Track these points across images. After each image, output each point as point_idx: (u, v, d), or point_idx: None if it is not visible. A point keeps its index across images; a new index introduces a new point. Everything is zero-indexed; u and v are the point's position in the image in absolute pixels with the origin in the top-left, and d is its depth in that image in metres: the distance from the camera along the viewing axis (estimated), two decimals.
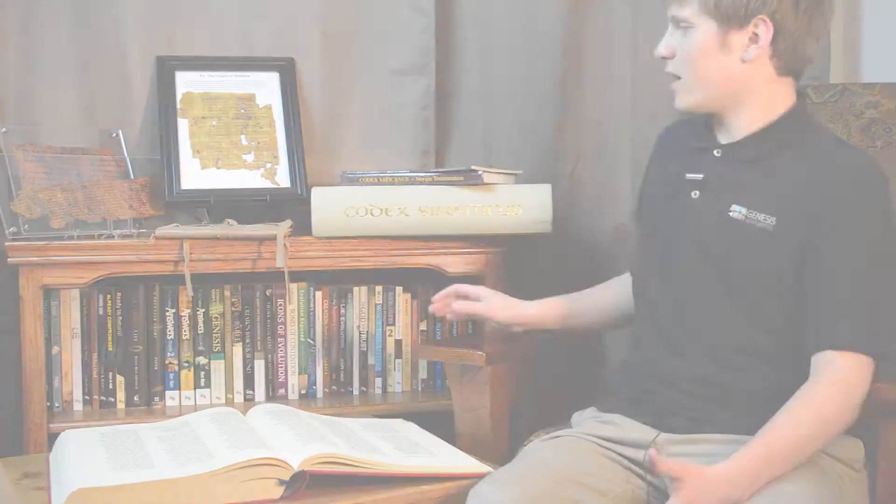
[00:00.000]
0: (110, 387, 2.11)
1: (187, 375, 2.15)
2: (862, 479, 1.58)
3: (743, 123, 1.59)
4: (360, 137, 2.36)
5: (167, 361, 2.14)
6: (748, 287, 1.55)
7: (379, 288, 2.25)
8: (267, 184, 2.22)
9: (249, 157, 2.23)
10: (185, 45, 2.26)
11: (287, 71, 2.29)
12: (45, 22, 2.16)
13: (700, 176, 1.61)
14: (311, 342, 2.22)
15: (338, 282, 2.23)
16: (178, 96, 2.22)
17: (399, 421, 1.91)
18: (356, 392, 2.25)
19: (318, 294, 2.22)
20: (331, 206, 2.10)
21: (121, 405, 2.12)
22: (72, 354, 2.08)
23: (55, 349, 2.07)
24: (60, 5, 2.17)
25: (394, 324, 2.27)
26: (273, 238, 2.04)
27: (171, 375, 2.14)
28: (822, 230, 1.49)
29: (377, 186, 2.11)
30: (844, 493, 1.51)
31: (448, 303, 1.91)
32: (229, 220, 2.11)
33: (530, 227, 2.14)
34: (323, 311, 2.22)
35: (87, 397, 2.10)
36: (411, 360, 2.27)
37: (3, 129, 2.09)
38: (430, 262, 2.16)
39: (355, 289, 2.24)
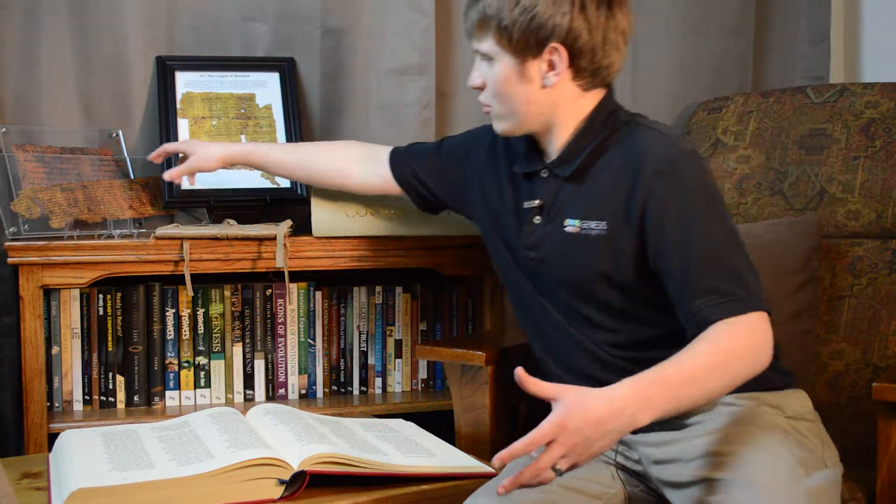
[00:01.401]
0: (110, 387, 2.11)
1: (187, 375, 2.15)
2: (818, 426, 1.59)
3: (558, 139, 1.62)
4: (360, 137, 2.35)
5: (167, 361, 2.14)
6: (602, 292, 1.57)
7: (379, 288, 2.26)
8: (267, 184, 2.22)
9: None
10: (185, 45, 2.27)
11: (287, 71, 2.29)
12: (45, 22, 2.16)
13: (536, 202, 1.64)
14: (311, 342, 2.22)
15: (338, 282, 2.23)
16: (178, 96, 2.22)
17: (399, 421, 1.91)
18: (356, 392, 2.26)
19: (318, 294, 2.22)
20: (331, 206, 2.10)
21: (121, 405, 2.12)
22: (72, 354, 2.08)
23: (55, 349, 2.07)
24: (60, 5, 2.17)
25: (394, 324, 2.27)
26: (273, 238, 2.04)
27: (171, 375, 2.14)
28: (651, 221, 1.51)
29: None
30: (810, 445, 1.53)
31: (174, 175, 2.01)
32: (229, 220, 2.11)
33: None
34: (323, 311, 2.22)
35: (87, 397, 2.11)
36: (411, 360, 2.27)
37: (3, 129, 2.09)
38: (430, 262, 2.16)
39: (355, 289, 2.24)
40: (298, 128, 2.26)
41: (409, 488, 1.57)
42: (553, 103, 1.59)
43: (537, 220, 1.64)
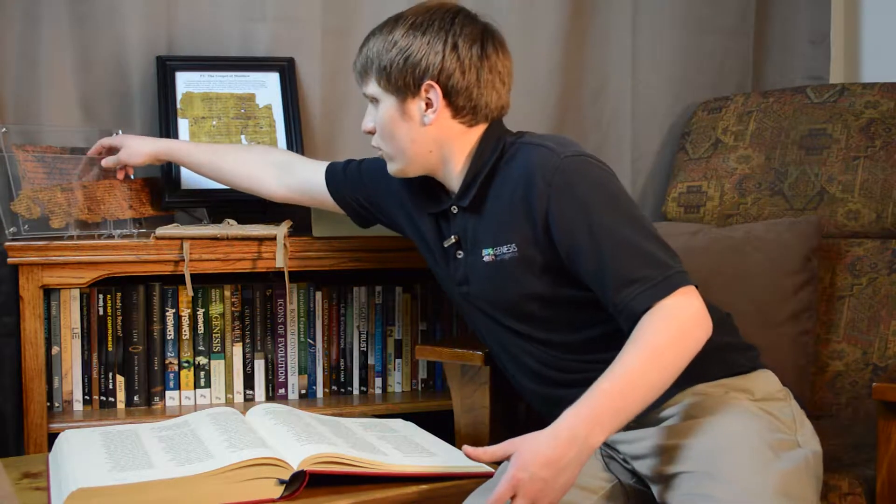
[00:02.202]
0: (110, 387, 2.11)
1: (187, 375, 2.15)
2: (789, 402, 1.60)
3: (454, 176, 1.65)
4: (360, 137, 2.35)
5: (167, 361, 2.14)
6: (533, 309, 1.60)
7: (379, 288, 2.26)
8: None
9: None
10: (185, 45, 2.27)
11: (287, 71, 2.29)
12: (45, 22, 2.16)
13: (453, 238, 1.68)
14: (311, 342, 2.22)
15: (338, 282, 2.23)
16: (178, 96, 2.22)
17: (399, 421, 1.91)
18: (356, 392, 2.25)
19: (318, 294, 2.22)
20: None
21: (121, 405, 2.12)
22: (72, 354, 2.08)
23: (55, 349, 2.07)
24: (60, 5, 2.17)
25: (394, 324, 2.27)
26: (273, 238, 2.04)
27: (171, 375, 2.14)
28: (556, 229, 1.53)
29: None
30: (782, 426, 1.53)
31: (107, 164, 2.06)
32: (229, 220, 2.11)
33: None
34: (323, 311, 2.22)
35: (87, 397, 2.11)
36: (411, 360, 2.27)
37: (3, 129, 2.09)
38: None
39: (355, 289, 2.24)
40: (298, 128, 2.26)
41: (409, 488, 1.57)
42: (437, 140, 1.63)
43: (459, 254, 1.68)
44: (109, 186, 2.09)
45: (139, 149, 2.05)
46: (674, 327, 1.45)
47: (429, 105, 1.60)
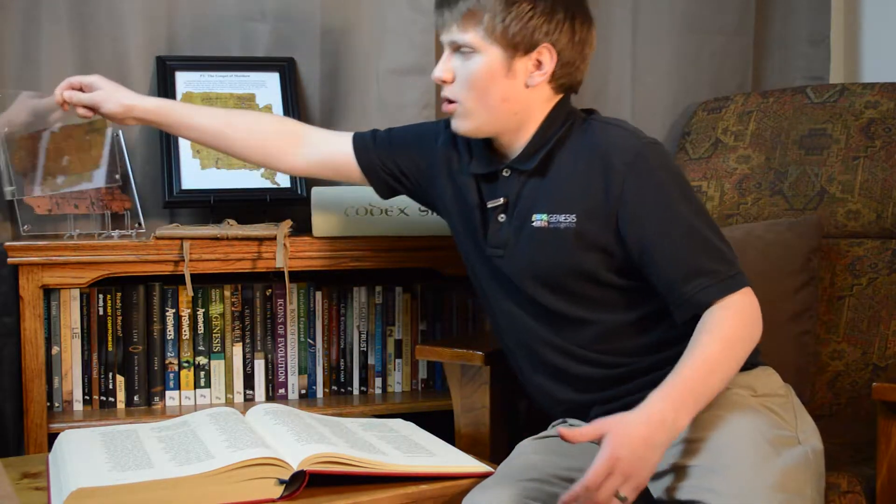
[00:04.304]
0: (110, 387, 2.11)
1: (187, 375, 2.15)
2: (790, 398, 1.62)
3: (520, 139, 1.65)
4: None
5: (167, 361, 2.14)
6: (571, 284, 1.59)
7: (379, 288, 2.25)
8: (267, 184, 2.22)
9: None
10: (185, 45, 2.27)
11: (287, 71, 2.29)
12: (45, 22, 2.16)
13: (500, 200, 1.66)
14: (311, 342, 2.22)
15: (338, 282, 2.23)
16: (179, 96, 2.22)
17: (399, 421, 1.91)
18: (356, 392, 2.25)
19: (318, 294, 2.22)
20: (331, 206, 2.10)
21: (121, 405, 2.12)
22: (72, 354, 2.08)
23: (55, 349, 2.07)
24: (60, 5, 2.17)
25: (394, 324, 2.27)
26: (273, 238, 2.04)
27: (171, 375, 2.14)
28: (628, 213, 1.54)
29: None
30: (783, 422, 1.55)
31: (72, 99, 1.80)
32: (229, 220, 2.11)
33: None
34: (323, 311, 2.22)
35: (87, 397, 2.11)
36: (411, 360, 2.27)
37: (6, 130, 2.09)
38: (430, 262, 2.16)
39: (355, 289, 2.24)
40: None
41: (409, 488, 1.57)
42: (526, 103, 1.62)
43: (502, 218, 1.66)
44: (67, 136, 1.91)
45: (118, 97, 1.80)
46: (743, 322, 1.50)
47: (537, 67, 1.59)
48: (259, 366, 2.18)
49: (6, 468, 1.64)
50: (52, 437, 1.84)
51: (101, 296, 2.09)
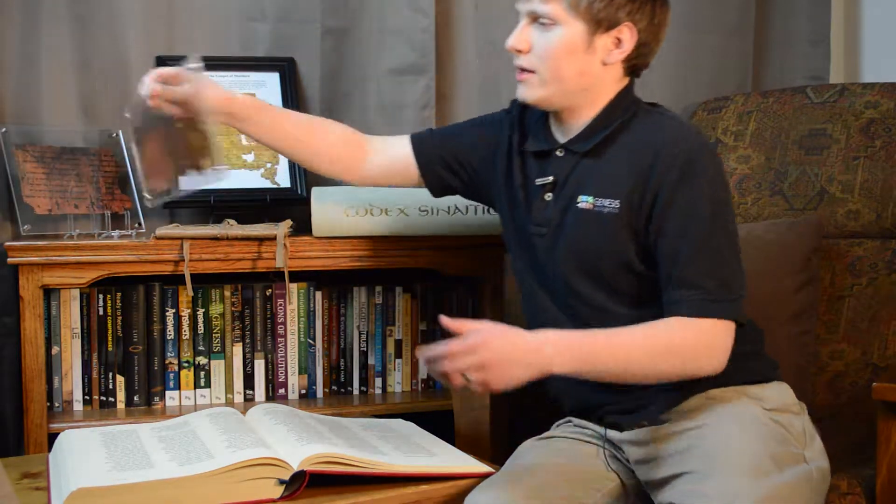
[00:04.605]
0: (110, 387, 2.11)
1: (187, 375, 2.15)
2: (803, 418, 1.61)
3: (581, 119, 1.64)
4: None
5: (167, 361, 2.14)
6: (608, 271, 1.59)
7: (379, 288, 2.25)
8: (267, 184, 2.22)
9: (249, 157, 2.23)
10: (185, 45, 2.26)
11: (287, 71, 2.29)
12: (45, 22, 2.16)
13: (549, 179, 1.65)
14: (311, 342, 2.22)
15: (338, 282, 2.23)
16: None
17: (399, 421, 1.91)
18: (356, 392, 2.25)
19: (318, 294, 2.22)
20: (331, 206, 2.10)
21: (121, 405, 2.12)
22: (72, 354, 2.08)
23: (55, 349, 2.07)
24: (60, 5, 2.17)
25: (394, 324, 2.27)
26: (273, 238, 2.04)
27: (171, 375, 2.14)
28: (660, 204, 1.54)
29: (377, 186, 2.11)
30: (791, 439, 1.54)
31: (156, 89, 1.65)
32: (229, 220, 2.11)
33: None
34: (323, 311, 2.22)
35: (87, 397, 2.11)
36: (411, 360, 2.27)
37: (3, 129, 2.09)
38: (430, 262, 2.16)
39: (355, 289, 2.24)
40: None
41: (410, 488, 1.57)
42: (599, 80, 1.61)
43: (548, 196, 1.65)
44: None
45: (213, 89, 1.68)
46: (693, 347, 1.50)
47: (616, 45, 1.59)
48: (259, 366, 2.18)
49: (6, 468, 1.64)
50: (52, 437, 1.84)
51: (101, 296, 2.09)
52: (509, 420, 1.96)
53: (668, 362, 1.49)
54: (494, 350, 1.44)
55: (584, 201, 1.60)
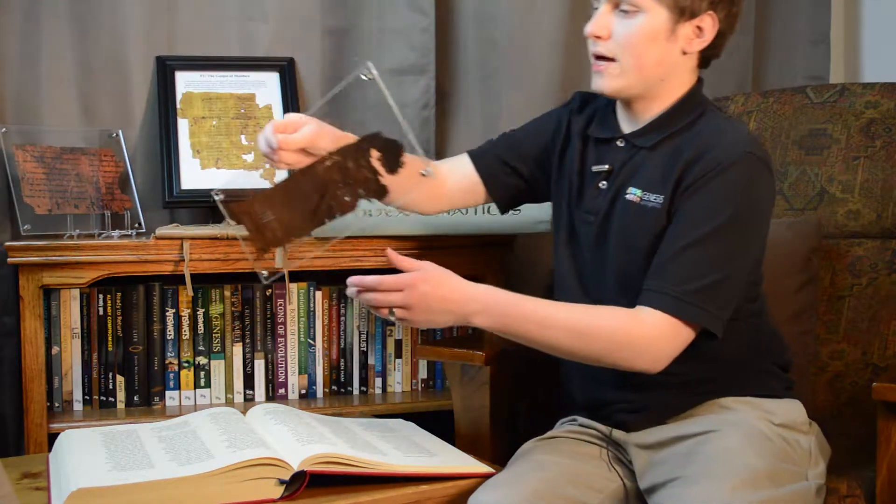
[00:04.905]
0: (110, 387, 2.11)
1: (187, 375, 2.15)
2: (812, 439, 1.60)
3: (650, 112, 1.63)
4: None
5: (167, 361, 2.14)
6: (643, 266, 1.56)
7: None
8: (266, 184, 2.22)
9: (249, 157, 2.23)
10: (185, 45, 2.27)
11: (287, 71, 2.29)
12: (45, 22, 2.16)
13: (605, 167, 1.64)
14: (311, 342, 2.22)
15: (338, 282, 2.23)
16: (178, 96, 2.22)
17: (399, 421, 1.91)
18: (356, 392, 2.25)
19: (318, 294, 2.22)
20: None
21: (121, 405, 2.12)
22: (72, 354, 2.08)
23: (55, 349, 2.07)
24: (60, 5, 2.17)
25: (394, 324, 2.27)
26: None
27: (171, 375, 2.14)
28: (683, 198, 1.53)
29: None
30: (795, 457, 1.54)
31: (279, 157, 1.63)
32: (229, 220, 2.11)
33: (530, 227, 2.14)
34: (323, 311, 2.22)
35: (87, 397, 2.11)
36: (411, 360, 2.27)
37: (3, 129, 2.09)
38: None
39: None
40: None
41: (409, 488, 1.56)
42: (677, 69, 1.60)
43: (602, 185, 1.64)
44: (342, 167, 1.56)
45: (327, 130, 1.65)
46: (630, 334, 1.49)
47: (696, 34, 1.58)
48: (259, 366, 2.18)
49: (6, 468, 1.63)
50: (52, 437, 1.84)
51: (101, 296, 2.09)
52: (509, 420, 1.96)
53: (590, 346, 1.49)
54: (420, 294, 1.47)
55: (633, 193, 1.59)
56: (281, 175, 2.16)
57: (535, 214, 2.13)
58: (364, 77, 1.64)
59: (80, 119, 2.21)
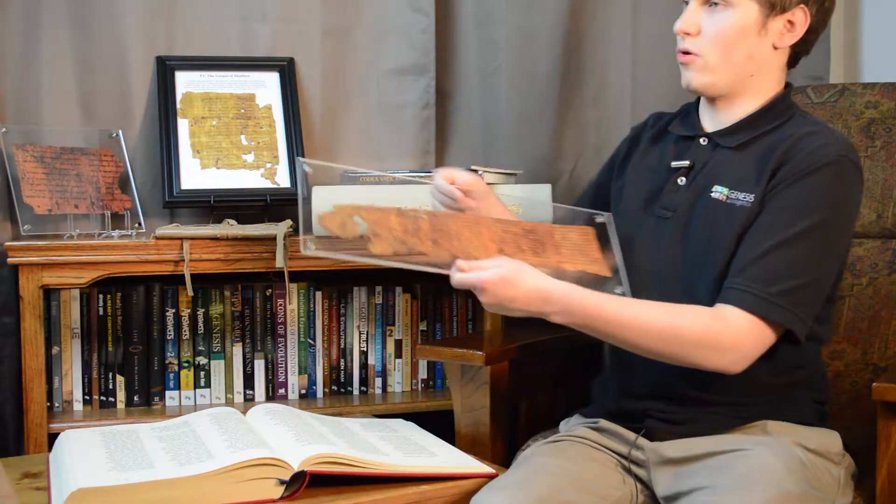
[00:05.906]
0: (110, 387, 2.11)
1: (187, 375, 2.15)
2: (842, 470, 1.60)
3: (736, 110, 1.62)
4: (360, 137, 2.36)
5: (167, 361, 2.14)
6: (722, 265, 1.55)
7: (379, 288, 2.26)
8: (267, 184, 2.22)
9: (249, 157, 2.23)
10: (185, 45, 2.27)
11: (287, 71, 2.29)
12: (45, 22, 2.16)
13: (686, 163, 1.63)
14: (311, 342, 2.22)
15: (338, 282, 2.23)
16: (178, 96, 2.22)
17: (399, 421, 1.91)
18: (356, 392, 2.26)
19: (318, 294, 2.22)
20: (331, 207, 2.09)
21: (121, 405, 2.12)
22: (72, 354, 2.08)
23: (55, 349, 2.07)
24: (60, 5, 2.17)
25: (394, 324, 2.27)
26: (273, 238, 2.04)
27: (171, 375, 2.14)
28: (770, 197, 1.52)
29: (377, 186, 2.11)
30: (824, 486, 1.53)
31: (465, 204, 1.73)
32: (229, 220, 2.11)
33: None
34: (323, 311, 2.22)
35: (87, 397, 2.11)
36: (411, 360, 2.27)
37: (3, 129, 2.09)
38: None
39: (355, 289, 2.24)
40: (298, 128, 2.26)
41: (410, 488, 1.57)
42: (767, 65, 1.59)
43: (681, 181, 1.63)
44: (473, 222, 1.63)
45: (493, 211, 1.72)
46: (712, 335, 1.46)
47: (787, 29, 1.57)
48: (259, 366, 2.18)
49: (6, 468, 1.64)
50: (52, 437, 1.84)
51: (101, 296, 2.09)
52: (509, 420, 1.96)
53: (674, 346, 1.47)
54: (491, 295, 1.46)
55: (719, 192, 1.57)
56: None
57: (535, 214, 2.12)
58: (307, 170, 1.70)
59: (80, 119, 2.21)
